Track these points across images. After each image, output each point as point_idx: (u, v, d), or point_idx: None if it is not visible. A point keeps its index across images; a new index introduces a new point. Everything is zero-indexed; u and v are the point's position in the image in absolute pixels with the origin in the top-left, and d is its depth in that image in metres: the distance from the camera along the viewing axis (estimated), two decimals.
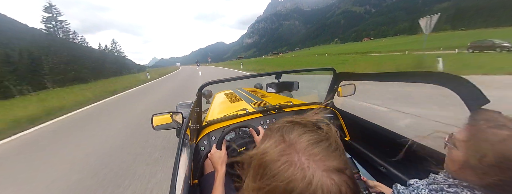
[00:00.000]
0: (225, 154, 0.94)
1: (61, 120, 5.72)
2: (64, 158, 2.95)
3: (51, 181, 2.29)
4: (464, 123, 0.50)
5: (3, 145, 3.95)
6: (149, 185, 2.04)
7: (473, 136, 0.45)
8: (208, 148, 1.16)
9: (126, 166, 2.45)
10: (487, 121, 0.45)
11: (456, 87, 0.71)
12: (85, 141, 3.61)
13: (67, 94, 11.54)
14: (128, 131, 3.82)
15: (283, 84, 1.77)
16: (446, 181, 0.51)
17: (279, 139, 0.34)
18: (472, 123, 0.47)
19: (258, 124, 1.28)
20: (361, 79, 1.20)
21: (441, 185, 0.51)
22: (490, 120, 0.45)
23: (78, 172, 2.43)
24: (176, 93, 8.27)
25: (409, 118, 3.07)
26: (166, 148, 2.84)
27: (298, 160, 0.29)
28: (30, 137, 4.34)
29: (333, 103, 1.53)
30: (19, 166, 2.86)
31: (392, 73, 0.97)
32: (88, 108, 7.21)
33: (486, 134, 0.43)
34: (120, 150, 2.97)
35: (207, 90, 2.55)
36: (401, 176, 1.00)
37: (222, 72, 18.89)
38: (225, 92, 2.55)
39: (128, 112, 5.83)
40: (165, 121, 1.29)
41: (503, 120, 0.44)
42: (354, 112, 1.38)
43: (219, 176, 0.83)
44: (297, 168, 0.28)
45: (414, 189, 0.59)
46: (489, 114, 0.47)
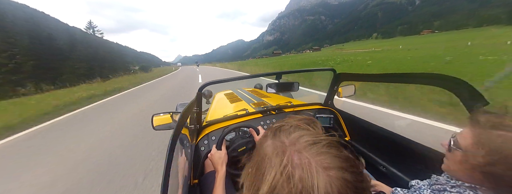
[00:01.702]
0: (225, 154, 0.94)
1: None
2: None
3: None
4: (465, 124, 0.50)
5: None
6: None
7: (476, 137, 0.45)
8: (208, 148, 1.16)
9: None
10: (490, 122, 0.45)
11: (454, 88, 0.71)
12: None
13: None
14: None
15: (283, 84, 1.77)
16: (449, 182, 0.51)
17: (279, 139, 0.34)
18: (474, 125, 0.47)
19: (258, 124, 1.28)
20: (361, 80, 1.21)
21: (444, 186, 0.51)
22: (492, 121, 0.45)
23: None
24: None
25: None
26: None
27: (298, 159, 0.29)
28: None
29: (333, 104, 1.53)
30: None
31: (391, 74, 0.97)
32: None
33: (489, 135, 0.43)
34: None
35: (207, 90, 2.55)
36: (401, 176, 1.00)
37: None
38: (225, 92, 2.55)
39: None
40: (165, 121, 1.29)
41: (505, 121, 0.44)
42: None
43: (220, 176, 0.83)
44: (297, 168, 0.28)
45: (415, 190, 0.59)
46: (491, 115, 0.47)
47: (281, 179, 0.28)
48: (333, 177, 0.28)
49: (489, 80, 4.80)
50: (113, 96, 8.23)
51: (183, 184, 0.76)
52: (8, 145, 3.60)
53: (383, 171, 1.10)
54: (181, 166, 0.93)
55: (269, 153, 0.33)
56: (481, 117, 0.47)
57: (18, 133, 4.13)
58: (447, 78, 0.72)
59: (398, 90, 4.39)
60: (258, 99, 1.98)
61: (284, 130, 0.36)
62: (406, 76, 0.90)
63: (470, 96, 0.67)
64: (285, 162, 0.30)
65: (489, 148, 0.42)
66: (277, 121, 0.42)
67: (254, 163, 0.36)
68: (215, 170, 0.89)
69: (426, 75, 0.81)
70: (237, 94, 2.32)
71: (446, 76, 0.72)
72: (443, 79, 0.73)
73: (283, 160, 0.30)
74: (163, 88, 9.80)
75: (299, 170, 0.28)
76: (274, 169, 0.30)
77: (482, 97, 0.64)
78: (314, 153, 0.30)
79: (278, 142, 0.34)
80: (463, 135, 0.49)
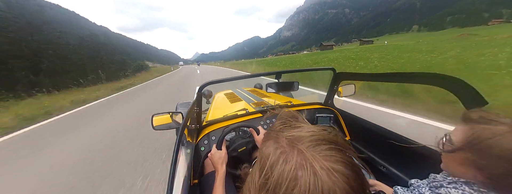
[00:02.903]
0: (225, 154, 0.94)
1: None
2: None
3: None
4: (458, 122, 0.52)
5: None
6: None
7: (467, 134, 0.47)
8: (208, 148, 1.16)
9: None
10: (480, 118, 0.47)
11: (454, 88, 0.71)
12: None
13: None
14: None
15: (283, 84, 1.77)
16: (445, 179, 0.53)
17: (281, 139, 0.34)
18: (465, 121, 0.50)
19: (258, 124, 1.28)
20: (361, 79, 1.21)
21: (441, 182, 0.53)
22: (483, 118, 0.47)
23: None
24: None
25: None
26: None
27: (300, 159, 0.29)
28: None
29: (333, 103, 1.53)
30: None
31: (391, 74, 0.97)
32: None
33: (476, 130, 0.45)
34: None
35: (207, 90, 2.55)
36: (401, 176, 1.00)
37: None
38: (225, 92, 2.55)
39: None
40: (165, 121, 1.29)
41: (495, 117, 0.46)
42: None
43: (220, 176, 0.83)
44: (299, 167, 0.28)
45: (414, 188, 0.60)
46: (481, 112, 0.49)
47: (285, 179, 0.28)
48: (336, 177, 0.28)
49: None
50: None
51: (183, 184, 0.76)
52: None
53: (383, 171, 1.10)
54: (182, 165, 0.93)
55: (271, 154, 0.33)
56: (472, 114, 0.50)
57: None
58: (446, 77, 0.72)
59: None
60: (258, 99, 1.98)
61: (286, 130, 0.36)
62: (406, 75, 0.90)
63: (469, 96, 0.67)
64: (287, 162, 0.30)
65: (477, 142, 0.44)
66: (277, 120, 0.42)
67: (257, 163, 0.36)
68: (215, 170, 0.89)
69: (426, 75, 0.81)
70: (237, 94, 2.32)
71: (446, 76, 0.72)
72: (443, 78, 0.73)
73: (286, 160, 0.30)
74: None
75: (302, 170, 0.28)
76: (277, 170, 0.30)
77: (482, 97, 0.64)
78: (317, 153, 0.30)
79: (280, 142, 0.33)
80: (455, 132, 0.51)
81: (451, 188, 0.49)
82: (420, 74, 0.83)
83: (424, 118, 2.90)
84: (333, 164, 0.29)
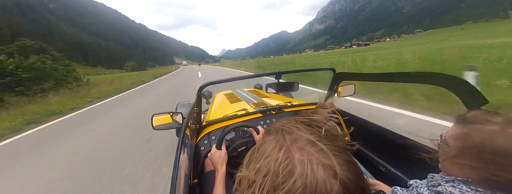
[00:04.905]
0: (225, 154, 0.94)
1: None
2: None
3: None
4: (453, 122, 0.53)
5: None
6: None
7: (462, 133, 0.48)
8: (208, 148, 1.16)
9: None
10: (473, 118, 0.48)
11: (454, 87, 0.71)
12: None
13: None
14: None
15: (283, 84, 1.77)
16: (443, 178, 0.54)
17: (279, 137, 0.34)
18: (460, 122, 0.50)
19: (258, 124, 1.28)
20: (361, 79, 1.21)
21: (439, 181, 0.54)
22: (477, 117, 0.48)
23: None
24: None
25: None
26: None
27: (298, 157, 0.29)
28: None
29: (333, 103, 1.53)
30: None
31: (391, 74, 0.97)
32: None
33: (473, 131, 0.46)
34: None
35: (207, 91, 2.55)
36: (401, 176, 1.00)
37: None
38: (225, 92, 2.55)
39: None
40: (165, 121, 1.29)
41: (489, 117, 0.46)
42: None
43: (220, 176, 0.83)
44: (296, 165, 0.28)
45: (413, 188, 0.61)
46: (475, 112, 0.50)
47: (282, 174, 0.28)
48: (334, 175, 0.28)
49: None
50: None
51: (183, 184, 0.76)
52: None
53: (382, 171, 1.10)
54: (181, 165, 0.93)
55: (270, 149, 0.33)
56: (467, 114, 0.50)
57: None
58: (446, 77, 0.72)
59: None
60: (258, 99, 1.98)
61: (285, 128, 0.36)
62: (406, 75, 0.90)
63: (470, 95, 0.67)
64: (286, 157, 0.30)
65: (470, 143, 0.45)
66: (278, 119, 0.42)
67: (254, 157, 0.35)
68: (215, 169, 0.89)
69: (426, 74, 0.81)
70: (237, 94, 2.32)
71: (446, 75, 0.72)
72: (443, 78, 0.73)
73: (284, 155, 0.30)
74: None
75: (300, 166, 0.28)
76: (274, 165, 0.30)
77: (482, 96, 0.64)
78: (316, 151, 0.30)
79: (279, 138, 0.34)
80: (450, 132, 0.52)
81: (449, 186, 0.50)
82: (421, 74, 0.83)
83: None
84: (330, 160, 0.29)
